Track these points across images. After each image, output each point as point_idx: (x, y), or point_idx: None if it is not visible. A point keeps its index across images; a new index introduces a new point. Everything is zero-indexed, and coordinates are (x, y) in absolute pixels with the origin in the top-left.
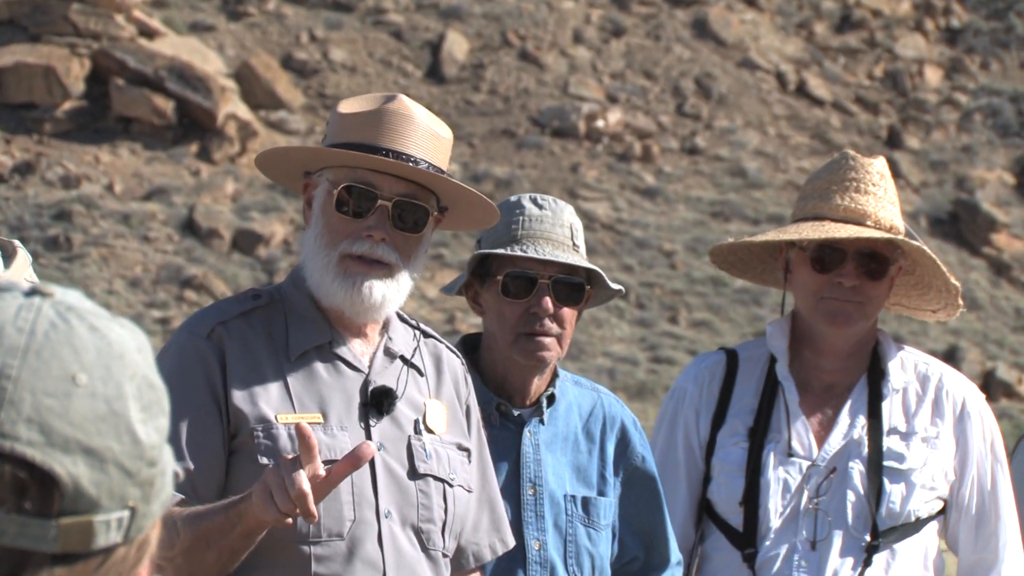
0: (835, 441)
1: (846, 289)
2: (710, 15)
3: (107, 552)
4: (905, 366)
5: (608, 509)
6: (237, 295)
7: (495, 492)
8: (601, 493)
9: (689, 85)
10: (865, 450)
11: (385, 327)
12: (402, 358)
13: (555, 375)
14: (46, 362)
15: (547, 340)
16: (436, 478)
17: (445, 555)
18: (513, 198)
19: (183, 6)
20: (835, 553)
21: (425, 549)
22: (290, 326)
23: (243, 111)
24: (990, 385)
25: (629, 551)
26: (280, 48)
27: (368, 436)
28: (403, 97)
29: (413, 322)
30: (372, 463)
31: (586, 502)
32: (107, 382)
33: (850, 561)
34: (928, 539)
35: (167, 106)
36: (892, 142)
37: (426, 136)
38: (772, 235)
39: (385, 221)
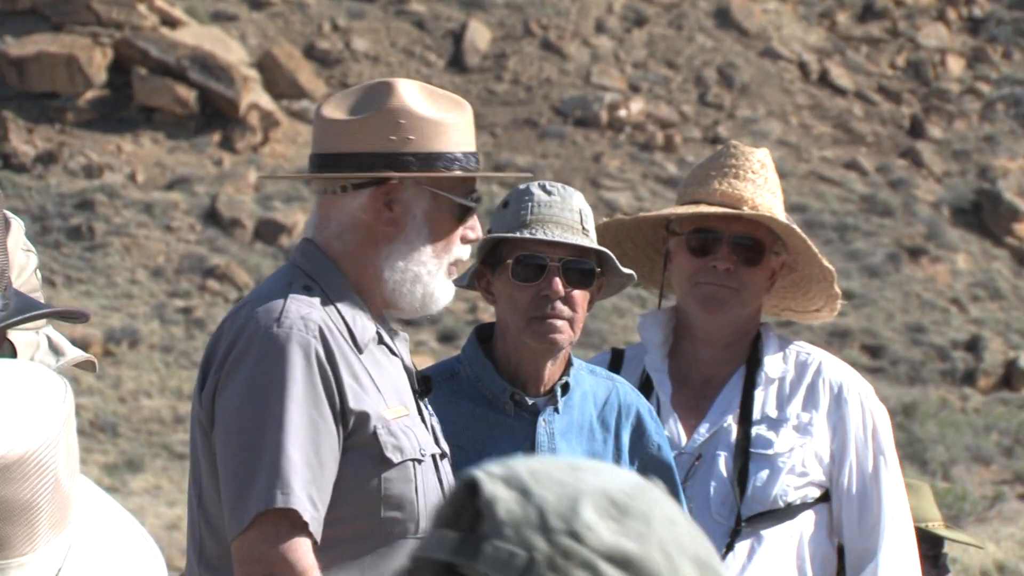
0: (704, 430)
1: (720, 273)
2: (732, 4)
3: None
4: (786, 357)
5: None
6: (281, 284)
7: None
8: None
9: (711, 75)
10: (733, 438)
11: None
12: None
13: (569, 363)
14: None
15: (559, 323)
16: (444, 455)
17: None
18: (522, 186)
19: None
20: None
21: None
22: (345, 316)
23: (265, 101)
24: (1012, 375)
25: None
26: (303, 37)
27: (424, 422)
28: None
29: None
30: (434, 455)
31: None
32: None
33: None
34: (803, 526)
35: (189, 95)
36: (914, 132)
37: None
38: (645, 215)
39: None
